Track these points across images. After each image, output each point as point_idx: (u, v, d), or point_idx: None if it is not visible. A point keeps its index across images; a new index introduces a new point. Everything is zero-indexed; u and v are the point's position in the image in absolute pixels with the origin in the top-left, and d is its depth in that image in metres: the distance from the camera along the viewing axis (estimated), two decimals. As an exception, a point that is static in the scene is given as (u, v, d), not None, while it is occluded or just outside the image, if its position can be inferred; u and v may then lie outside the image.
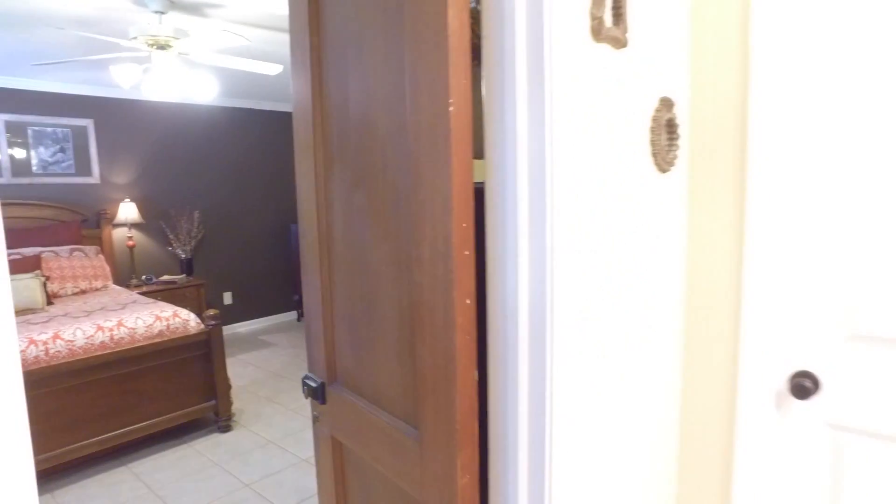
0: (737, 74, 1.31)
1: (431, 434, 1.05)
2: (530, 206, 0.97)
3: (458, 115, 0.93)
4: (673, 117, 1.26)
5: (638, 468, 1.32)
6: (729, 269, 1.38)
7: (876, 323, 1.24)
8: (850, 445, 1.30)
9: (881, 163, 1.20)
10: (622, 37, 1.03)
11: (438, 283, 0.99)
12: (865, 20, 1.18)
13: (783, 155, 1.28)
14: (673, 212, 1.36)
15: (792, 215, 1.30)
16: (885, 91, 1.18)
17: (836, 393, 1.30)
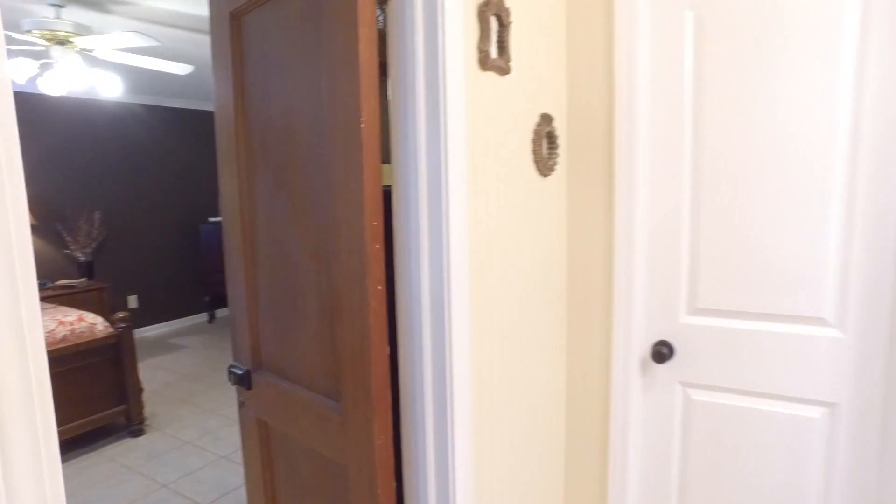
0: (605, 95, 1.57)
1: (351, 404, 1.22)
2: (430, 206, 1.17)
3: (368, 130, 1.10)
4: (552, 130, 1.51)
5: (530, 420, 1.55)
6: (601, 257, 1.65)
7: (710, 298, 1.55)
8: (695, 396, 1.61)
9: (714, 172, 1.50)
10: (506, 65, 1.25)
11: (354, 272, 1.16)
12: (692, 66, 1.48)
13: (641, 162, 1.56)
14: (554, 210, 1.60)
15: (648, 214, 1.59)
16: (707, 110, 1.48)
17: (685, 356, 1.60)
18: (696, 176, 1.53)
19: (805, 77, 1.39)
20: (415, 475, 1.27)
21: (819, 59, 1.37)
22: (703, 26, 1.48)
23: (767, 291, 1.48)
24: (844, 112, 1.36)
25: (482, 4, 1.17)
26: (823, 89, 1.37)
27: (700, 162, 1.52)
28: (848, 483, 1.46)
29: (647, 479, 1.71)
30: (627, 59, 1.52)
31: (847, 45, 1.34)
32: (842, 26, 1.34)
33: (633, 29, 1.51)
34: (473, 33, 1.16)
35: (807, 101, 1.39)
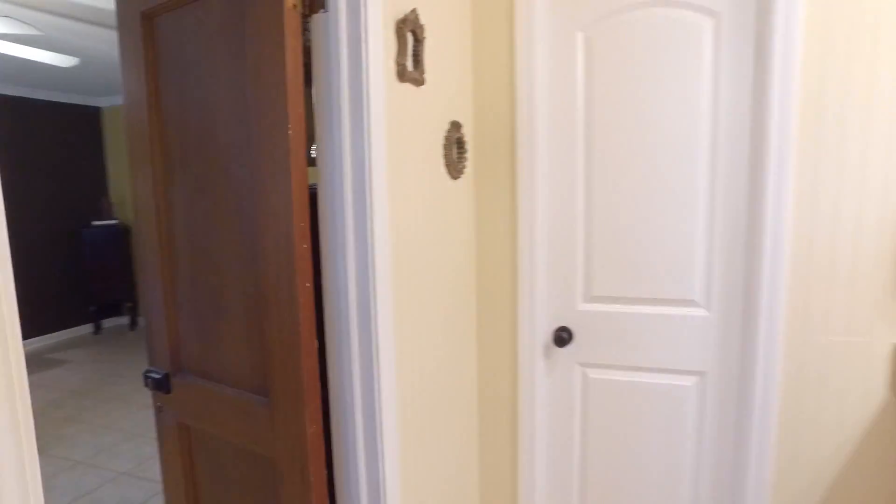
0: (507, 104, 1.72)
1: (281, 396, 1.28)
2: (355, 206, 1.25)
3: (295, 137, 1.17)
4: (461, 136, 1.64)
5: (448, 402, 1.67)
6: (507, 252, 1.80)
7: (603, 287, 1.75)
8: (592, 374, 1.81)
9: (603, 176, 1.70)
10: (420, 77, 1.36)
11: (283, 271, 1.22)
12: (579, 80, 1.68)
13: (540, 165, 1.73)
14: (464, 209, 1.74)
15: (548, 212, 1.77)
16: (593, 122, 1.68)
17: (583, 339, 1.80)
18: (588, 178, 1.73)
19: (674, 98, 1.62)
20: (345, 459, 1.35)
21: (683, 84, 1.60)
22: (591, 46, 1.68)
23: (650, 279, 1.70)
24: (705, 130, 1.60)
25: (399, 21, 1.27)
26: (688, 110, 1.61)
27: (592, 166, 1.72)
28: (715, 435, 1.72)
29: (553, 448, 1.89)
30: (527, 72, 1.69)
31: (705, 74, 1.58)
32: (701, 62, 1.58)
33: (532, 46, 1.67)
34: (392, 48, 1.26)
35: (675, 118, 1.62)
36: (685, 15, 1.59)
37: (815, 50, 1.46)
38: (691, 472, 1.76)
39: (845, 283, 1.51)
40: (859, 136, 1.46)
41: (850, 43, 1.44)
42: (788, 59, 1.47)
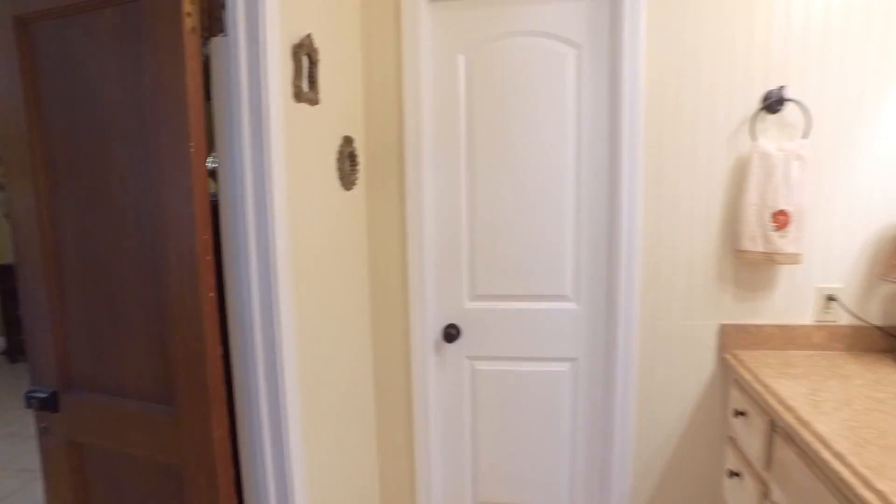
0: (396, 120, 1.86)
1: (187, 404, 1.31)
2: (256, 218, 1.32)
3: (196, 153, 1.22)
4: (354, 150, 1.74)
5: (347, 398, 1.77)
6: (398, 257, 1.93)
7: (486, 286, 1.94)
8: (479, 366, 1.99)
9: (484, 186, 1.89)
10: (315, 97, 1.45)
11: (187, 282, 1.26)
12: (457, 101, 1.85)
13: (427, 177, 1.88)
14: (357, 217, 1.85)
15: (435, 219, 1.92)
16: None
17: (470, 334, 1.97)
18: (471, 187, 1.90)
19: (544, 116, 1.84)
20: (252, 459, 1.41)
21: (552, 104, 1.83)
22: (472, 68, 1.86)
23: (527, 277, 1.91)
24: (571, 145, 1.84)
25: (296, 46, 1.36)
26: (556, 127, 1.84)
27: (474, 176, 1.90)
28: (587, 411, 1.97)
29: (447, 435, 2.05)
30: (414, 90, 1.83)
31: (570, 96, 1.82)
32: (566, 85, 1.82)
33: (418, 67, 1.82)
34: (289, 70, 1.35)
35: (546, 134, 1.84)
36: (552, 44, 1.82)
37: (654, 77, 1.74)
38: (569, 445, 2.00)
39: (684, 277, 1.81)
40: (688, 152, 1.75)
41: (680, 76, 1.73)
42: (635, 85, 1.73)
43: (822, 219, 1.73)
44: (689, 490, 1.92)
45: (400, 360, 1.99)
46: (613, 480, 1.92)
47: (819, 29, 1.67)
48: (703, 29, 1.70)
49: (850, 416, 1.33)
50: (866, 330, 1.76)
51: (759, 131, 1.71)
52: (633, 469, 1.93)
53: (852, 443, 1.20)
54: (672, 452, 1.91)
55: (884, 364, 1.66)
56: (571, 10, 1.79)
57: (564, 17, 1.80)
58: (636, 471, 1.93)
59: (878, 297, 1.76)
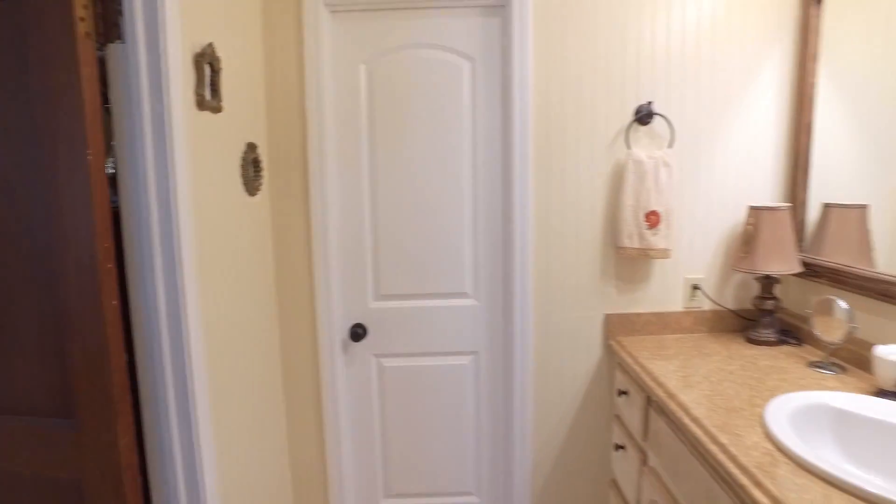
0: (299, 127, 1.90)
1: (89, 415, 1.29)
2: (161, 225, 1.33)
3: (95, 161, 1.21)
4: (257, 156, 1.77)
5: (257, 400, 1.79)
6: (303, 260, 1.97)
7: (391, 286, 2.02)
8: (386, 363, 2.07)
9: (387, 191, 1.97)
10: (218, 105, 1.47)
11: (87, 291, 1.25)
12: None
13: (331, 183, 1.94)
14: (262, 223, 1.87)
15: (340, 223, 1.98)
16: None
17: (376, 333, 2.05)
18: (374, 191, 1.98)
19: (443, 124, 1.95)
20: (162, 466, 1.41)
21: (450, 113, 1.95)
22: (373, 77, 1.94)
23: (429, 276, 2.02)
24: (467, 151, 1.97)
25: (197, 55, 1.37)
26: (454, 134, 1.96)
27: (377, 180, 1.98)
28: (489, 400, 2.10)
29: (358, 431, 2.11)
30: (316, 98, 1.88)
31: (466, 105, 1.95)
32: (462, 95, 1.94)
33: (320, 76, 1.87)
34: (191, 79, 1.36)
35: (445, 140, 1.96)
36: (449, 57, 1.93)
37: (542, 89, 1.90)
38: (474, 432, 2.13)
39: (572, 272, 1.99)
40: (573, 157, 1.93)
41: (565, 89, 1.90)
42: (524, 96, 1.89)
43: (687, 218, 1.97)
44: (582, 464, 2.11)
45: (308, 360, 2.03)
46: (515, 461, 2.07)
47: (678, 51, 1.90)
48: (583, 47, 1.89)
49: (708, 386, 1.54)
50: (724, 313, 2.02)
51: (632, 141, 1.92)
52: (532, 450, 2.08)
53: (706, 408, 1.40)
54: (566, 432, 2.08)
55: (737, 342, 1.92)
56: (466, 25, 1.92)
57: (460, 32, 1.92)
58: (535, 451, 2.09)
59: (732, 285, 2.02)
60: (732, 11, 1.89)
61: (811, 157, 1.89)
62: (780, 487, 1.06)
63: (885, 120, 1.62)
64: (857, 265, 1.69)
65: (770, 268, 1.82)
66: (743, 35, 1.90)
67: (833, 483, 1.06)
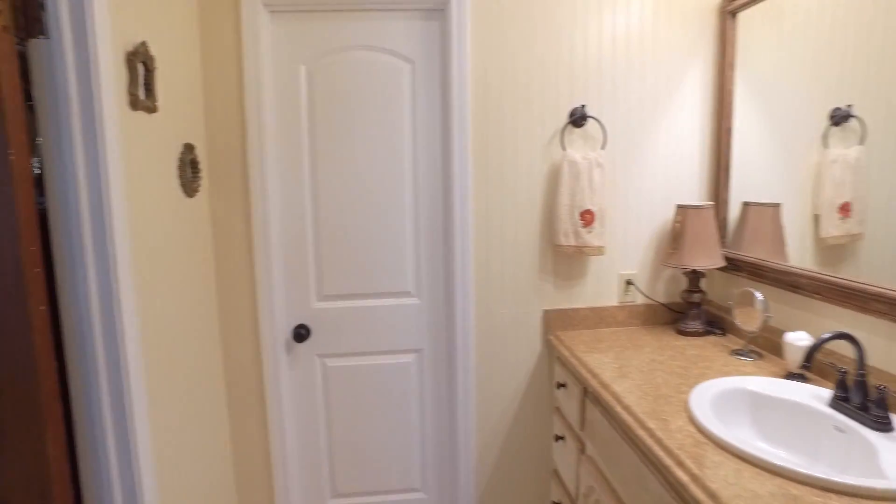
0: (239, 128, 1.88)
1: (14, 424, 1.25)
2: (93, 228, 1.29)
3: (18, 161, 1.17)
4: (195, 157, 1.74)
5: (194, 403, 1.76)
6: (245, 261, 1.95)
7: (334, 286, 2.03)
8: (330, 363, 2.07)
9: (329, 192, 1.97)
10: (153, 105, 1.44)
11: (11, 296, 1.20)
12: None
13: (272, 184, 1.93)
14: (201, 224, 1.84)
15: (281, 224, 1.97)
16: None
17: (320, 333, 2.05)
18: (315, 192, 1.98)
19: (384, 126, 1.97)
20: (96, 474, 1.37)
21: (391, 115, 1.97)
22: (314, 78, 1.94)
23: (372, 276, 2.04)
24: (408, 152, 2.00)
25: (130, 53, 1.34)
26: (395, 136, 1.98)
27: (318, 181, 1.98)
28: (433, 396, 2.14)
29: (303, 432, 2.10)
30: (256, 99, 1.87)
31: (406, 107, 1.97)
32: (403, 97, 1.97)
33: (260, 76, 1.86)
34: (123, 78, 1.33)
35: (386, 142, 1.98)
36: (389, 59, 1.96)
37: (480, 93, 1.95)
38: (419, 429, 2.15)
39: (512, 270, 2.05)
40: (512, 158, 1.99)
41: (503, 92, 1.96)
42: (463, 99, 1.93)
43: (620, 216, 2.07)
44: (525, 456, 2.17)
45: (251, 362, 2.01)
46: (460, 456, 2.11)
47: (609, 58, 1.99)
48: (521, 52, 1.95)
49: (639, 376, 1.62)
50: (655, 307, 2.12)
51: (567, 142, 2.00)
52: (476, 444, 2.13)
53: (637, 397, 1.48)
54: (509, 426, 2.14)
55: (667, 333, 2.03)
56: (406, 28, 1.95)
57: (400, 35, 1.95)
58: (479, 445, 2.14)
59: (663, 280, 2.13)
60: (659, 22, 2.00)
61: (731, 158, 2.02)
62: (700, 466, 1.13)
63: (791, 124, 1.75)
64: (773, 259, 1.82)
65: (696, 263, 1.93)
66: (669, 44, 2.01)
67: (745, 459, 1.15)
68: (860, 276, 1.48)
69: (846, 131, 1.56)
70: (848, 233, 1.57)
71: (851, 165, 1.54)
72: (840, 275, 1.54)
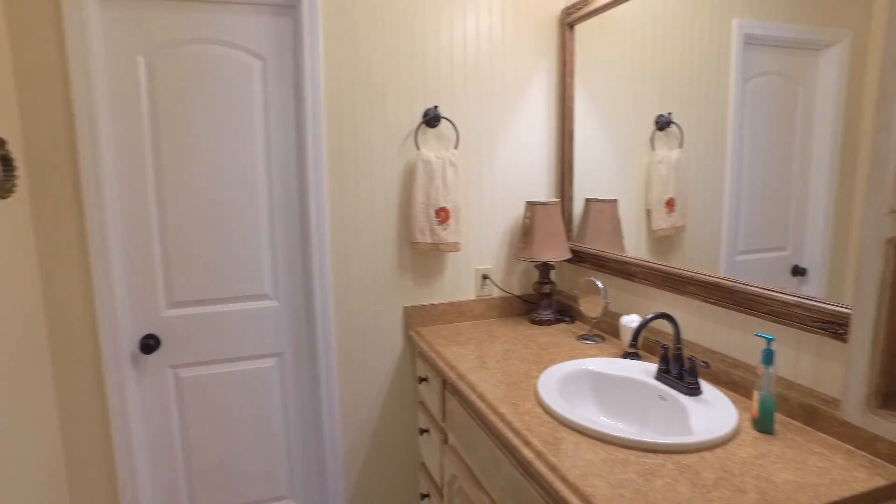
0: (65, 124, 1.70)
1: None
2: None
3: None
4: (8, 153, 1.55)
5: (15, 428, 1.57)
6: (79, 270, 1.77)
7: (184, 292, 1.91)
8: (183, 373, 1.95)
9: (176, 192, 1.85)
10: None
11: None
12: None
13: (108, 184, 1.77)
14: (20, 229, 1.64)
15: (122, 228, 1.82)
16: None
17: (171, 342, 1.92)
18: (160, 193, 1.85)
19: (234, 124, 1.89)
20: None
21: (241, 112, 1.89)
22: (154, 71, 1.81)
23: (227, 280, 1.94)
24: (261, 151, 1.93)
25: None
26: (247, 134, 1.91)
27: (163, 181, 1.85)
28: (297, 399, 2.09)
29: (155, 448, 1.95)
30: (85, 93, 1.70)
31: (258, 105, 1.91)
32: (253, 95, 1.90)
33: (89, 67, 1.69)
34: None
35: (237, 140, 1.90)
36: (238, 55, 1.88)
37: (333, 90, 1.94)
38: (284, 435, 2.09)
39: (370, 268, 2.06)
40: (367, 157, 2.00)
41: (356, 91, 1.96)
42: (316, 98, 1.91)
43: (475, 213, 2.16)
44: (392, 452, 2.19)
45: (91, 380, 1.83)
46: (327, 458, 2.08)
47: (460, 61, 2.07)
48: (375, 52, 1.96)
49: (494, 365, 1.71)
50: (511, 299, 2.24)
51: (422, 142, 2.04)
52: (343, 444, 2.11)
53: (491, 385, 1.55)
54: (375, 423, 2.15)
55: (522, 324, 2.15)
56: (256, 23, 1.88)
57: (249, 30, 1.87)
58: (346, 444, 2.12)
59: (517, 273, 2.26)
60: (507, 29, 2.11)
61: (574, 158, 2.19)
62: (544, 443, 1.22)
63: (625, 128, 1.94)
64: (612, 251, 2.00)
65: (545, 255, 2.07)
66: (517, 50, 2.13)
67: (583, 433, 1.26)
68: (684, 264, 1.68)
69: (669, 136, 1.76)
70: (673, 225, 1.77)
71: (674, 165, 1.74)
72: (668, 263, 1.73)
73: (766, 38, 1.41)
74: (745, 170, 1.48)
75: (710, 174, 1.60)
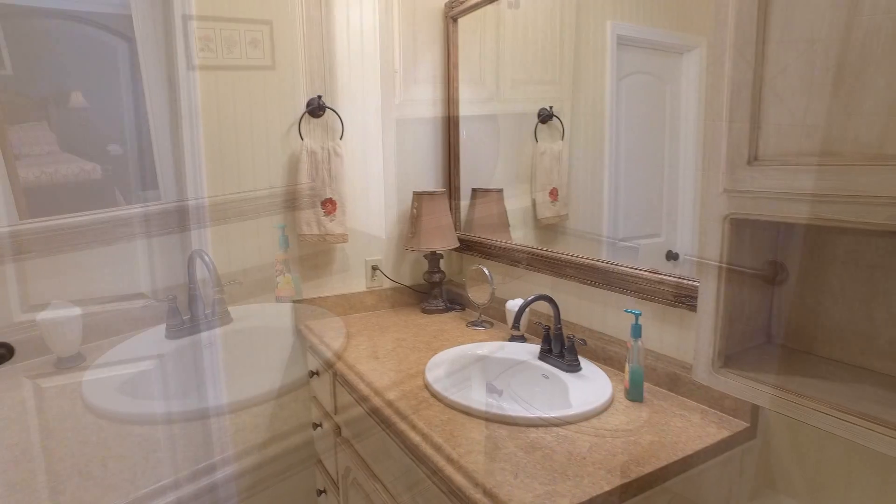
0: None
1: None
2: None
3: None
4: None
5: None
6: None
7: (44, 295, 1.74)
8: (46, 383, 1.77)
9: None
10: None
11: None
12: None
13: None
14: None
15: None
16: None
17: (25, 353, 1.74)
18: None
19: (95, 114, 1.74)
20: None
21: (108, 97, 1.74)
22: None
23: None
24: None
25: None
26: (116, 118, 1.76)
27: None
28: (181, 411, 1.97)
29: (8, 471, 1.76)
30: None
31: (125, 89, 1.77)
32: (120, 76, 1.75)
33: None
34: None
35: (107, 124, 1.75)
36: (98, 33, 1.73)
37: (210, 78, 1.84)
38: (169, 449, 1.96)
39: (256, 261, 1.98)
40: (249, 150, 1.93)
41: (236, 81, 1.88)
42: (192, 90, 1.80)
43: (362, 204, 2.14)
44: (288, 450, 2.11)
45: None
46: (217, 467, 1.98)
47: (345, 52, 2.04)
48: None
49: (384, 355, 1.71)
50: (402, 289, 2.25)
51: (306, 132, 1.99)
52: (234, 449, 2.01)
53: (380, 373, 1.56)
54: (268, 423, 2.07)
55: (414, 313, 2.17)
56: (121, 2, 1.74)
57: (108, 4, 1.73)
58: (238, 449, 2.02)
59: (407, 263, 2.27)
60: (394, 20, 2.10)
61: (460, 148, 2.23)
62: (430, 426, 1.24)
63: (507, 119, 2.01)
64: (499, 239, 2.06)
65: (433, 245, 2.09)
66: (404, 43, 2.13)
67: (470, 413, 1.29)
68: (570, 251, 1.76)
69: (551, 128, 1.84)
70: (557, 214, 1.85)
71: (556, 157, 1.83)
72: (553, 249, 1.82)
73: (636, 40, 1.52)
74: (623, 162, 1.58)
75: (590, 166, 1.69)
